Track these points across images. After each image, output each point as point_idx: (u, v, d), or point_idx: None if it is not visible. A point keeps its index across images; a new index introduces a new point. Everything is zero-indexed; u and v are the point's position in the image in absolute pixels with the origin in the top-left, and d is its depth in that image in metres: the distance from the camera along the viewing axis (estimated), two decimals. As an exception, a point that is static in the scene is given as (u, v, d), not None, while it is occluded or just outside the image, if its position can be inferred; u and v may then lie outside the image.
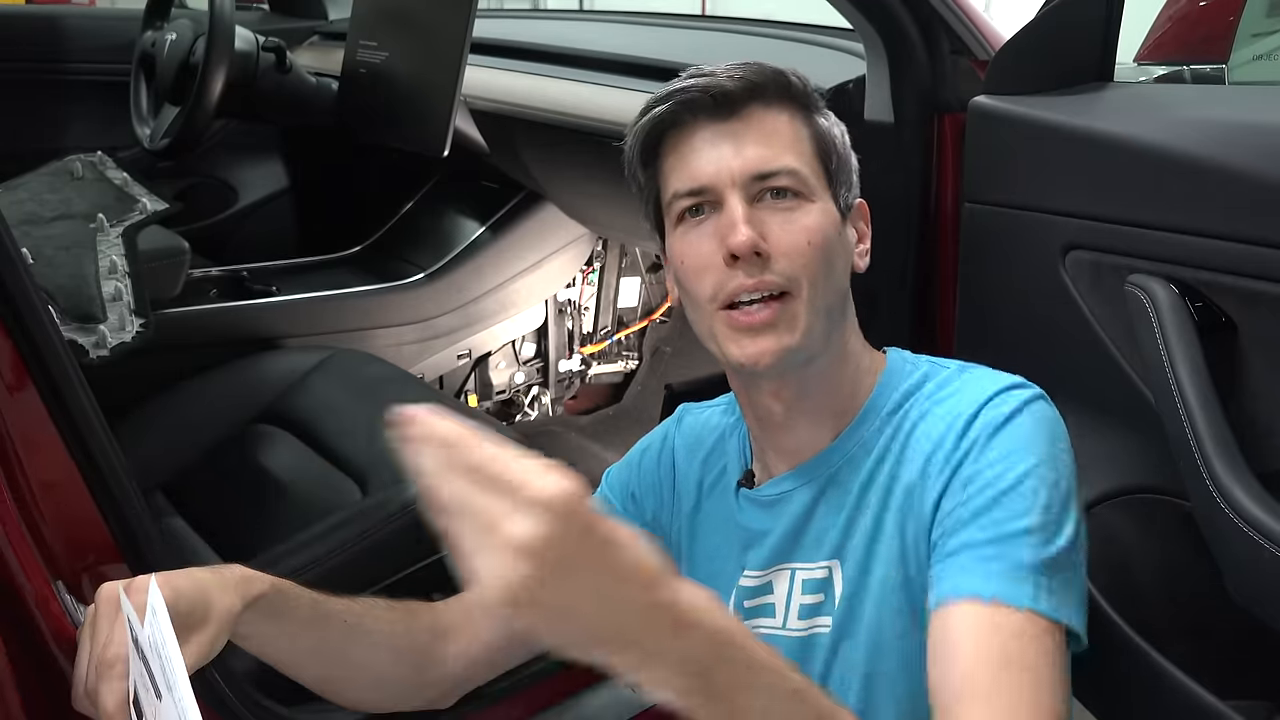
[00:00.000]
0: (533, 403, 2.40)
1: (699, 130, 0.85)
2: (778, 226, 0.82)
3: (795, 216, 0.83)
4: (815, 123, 0.87)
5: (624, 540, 0.57)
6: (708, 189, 0.84)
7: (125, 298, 1.48)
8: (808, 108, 0.87)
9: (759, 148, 0.83)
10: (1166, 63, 2.62)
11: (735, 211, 0.82)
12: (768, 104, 0.85)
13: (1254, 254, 0.92)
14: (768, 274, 0.81)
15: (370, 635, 0.91)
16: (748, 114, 0.84)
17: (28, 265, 0.84)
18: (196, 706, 0.61)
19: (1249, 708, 0.94)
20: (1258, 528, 0.87)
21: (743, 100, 0.84)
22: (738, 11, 3.05)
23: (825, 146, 0.87)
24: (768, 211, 0.83)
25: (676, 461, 1.01)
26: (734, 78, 0.84)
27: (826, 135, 0.88)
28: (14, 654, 0.79)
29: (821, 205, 0.85)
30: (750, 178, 0.83)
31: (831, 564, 0.88)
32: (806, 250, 0.82)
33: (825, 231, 0.84)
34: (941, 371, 0.89)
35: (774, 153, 0.83)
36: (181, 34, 1.91)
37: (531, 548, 0.52)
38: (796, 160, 0.84)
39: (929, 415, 0.85)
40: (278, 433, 1.62)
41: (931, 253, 1.30)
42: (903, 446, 0.86)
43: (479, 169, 2.12)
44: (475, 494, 0.54)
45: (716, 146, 0.84)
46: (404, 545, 1.34)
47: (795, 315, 0.82)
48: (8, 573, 0.80)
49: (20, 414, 0.83)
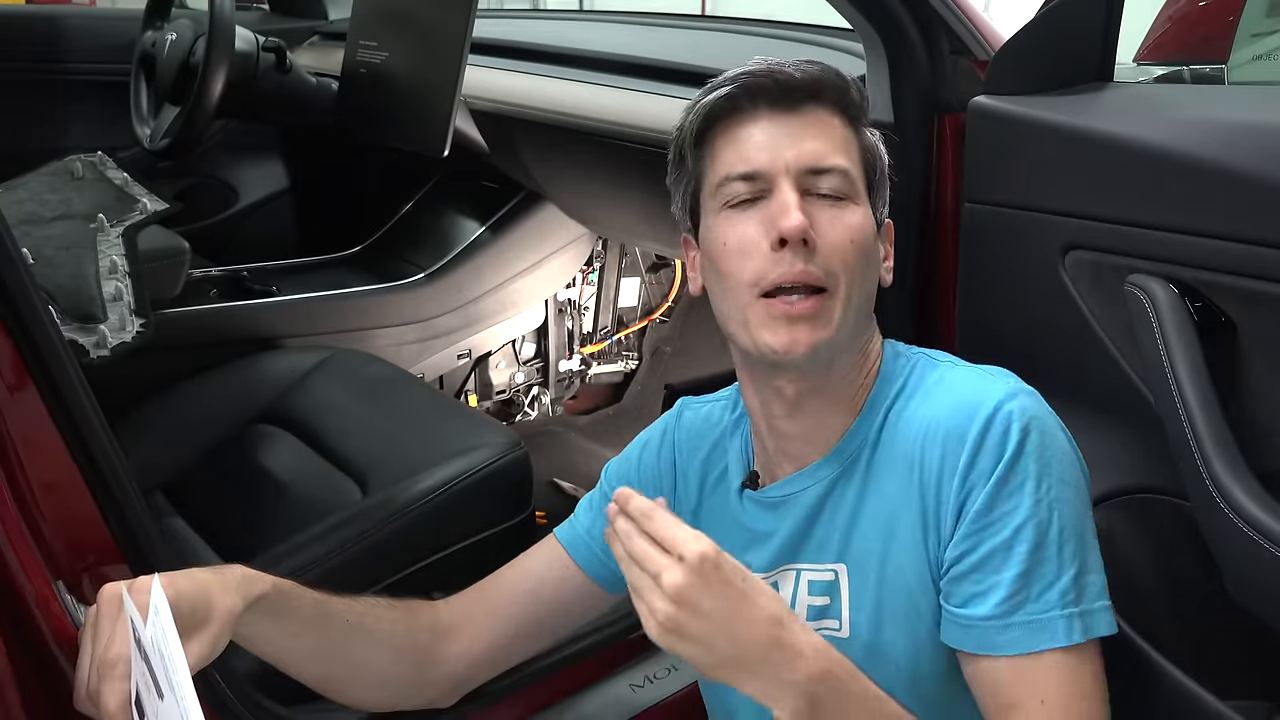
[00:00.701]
0: (533, 403, 2.41)
1: (759, 118, 0.86)
2: (825, 221, 0.84)
3: (842, 214, 0.84)
4: (864, 135, 0.89)
5: (753, 590, 0.73)
6: (761, 174, 0.84)
7: (125, 298, 1.48)
8: (860, 119, 0.89)
9: (816, 143, 0.85)
10: (1166, 63, 2.62)
11: (788, 197, 0.83)
12: (827, 105, 0.87)
13: (1254, 254, 0.92)
14: (811, 265, 0.82)
15: (372, 634, 0.92)
16: (807, 110, 0.86)
17: (28, 265, 0.84)
18: (199, 706, 0.61)
19: (1249, 708, 0.94)
20: (1258, 528, 0.87)
21: (805, 96, 0.86)
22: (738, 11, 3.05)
23: (870, 159, 0.89)
24: (816, 206, 0.84)
25: (677, 459, 1.01)
26: (801, 72, 0.85)
27: (873, 149, 0.90)
28: (14, 654, 0.79)
29: (864, 209, 0.87)
30: (804, 170, 0.84)
31: (837, 567, 0.88)
32: (849, 248, 0.84)
33: (866, 234, 0.85)
34: (931, 368, 0.89)
35: (829, 149, 0.85)
36: (181, 34, 1.91)
37: (679, 594, 0.71)
38: (848, 162, 0.86)
39: (917, 415, 0.86)
40: (278, 433, 1.62)
41: (931, 253, 1.30)
42: (895, 447, 0.86)
43: (479, 169, 2.12)
44: (649, 552, 0.72)
45: (774, 135, 0.85)
46: (404, 545, 1.35)
47: (832, 310, 0.83)
48: (8, 573, 0.80)
49: (20, 414, 0.83)
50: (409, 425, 1.57)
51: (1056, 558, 0.79)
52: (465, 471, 1.39)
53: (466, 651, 0.98)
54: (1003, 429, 0.81)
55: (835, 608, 0.88)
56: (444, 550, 1.38)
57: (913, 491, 0.84)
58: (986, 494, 0.80)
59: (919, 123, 1.29)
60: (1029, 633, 0.78)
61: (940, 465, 0.83)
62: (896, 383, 0.89)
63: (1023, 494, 0.79)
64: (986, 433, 0.81)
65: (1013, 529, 0.79)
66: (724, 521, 0.96)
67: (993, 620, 0.79)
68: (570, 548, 1.01)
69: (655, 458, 1.02)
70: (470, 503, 1.39)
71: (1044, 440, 0.81)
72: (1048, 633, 0.78)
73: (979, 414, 0.82)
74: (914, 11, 1.26)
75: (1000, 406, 0.81)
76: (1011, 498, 0.80)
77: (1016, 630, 0.79)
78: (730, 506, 0.96)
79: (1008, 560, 0.79)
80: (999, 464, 0.80)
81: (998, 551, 0.79)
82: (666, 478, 1.01)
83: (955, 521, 0.82)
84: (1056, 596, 0.79)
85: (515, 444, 1.45)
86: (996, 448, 0.80)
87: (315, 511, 1.39)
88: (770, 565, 0.92)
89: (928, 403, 0.86)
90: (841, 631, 0.88)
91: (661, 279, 2.53)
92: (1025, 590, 0.79)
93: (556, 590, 1.01)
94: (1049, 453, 0.81)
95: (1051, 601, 0.79)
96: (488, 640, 0.99)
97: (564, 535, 1.03)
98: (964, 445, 0.81)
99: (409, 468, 1.41)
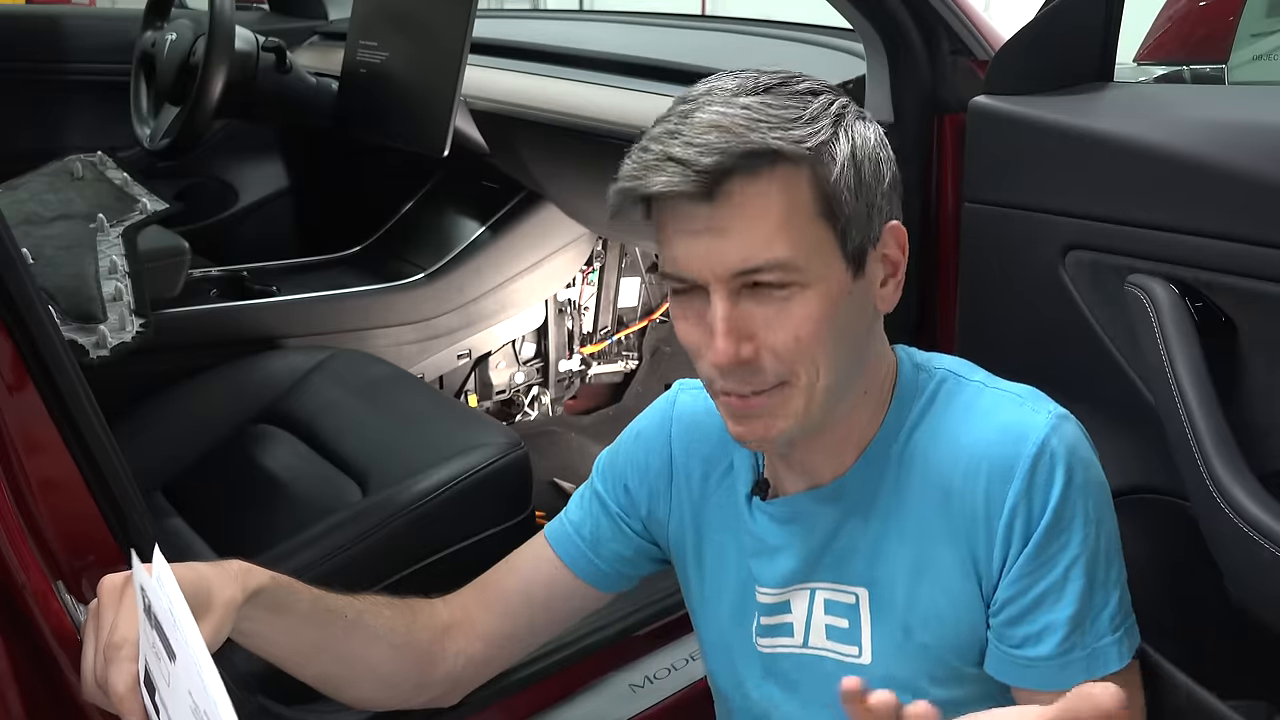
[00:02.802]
0: (533, 403, 2.40)
1: (680, 211, 0.75)
2: (764, 324, 0.76)
3: (785, 308, 0.76)
4: (819, 177, 0.75)
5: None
6: (692, 280, 0.77)
7: (125, 298, 1.48)
8: (806, 161, 0.75)
9: (742, 238, 0.74)
10: (1166, 63, 2.62)
11: (716, 318, 0.75)
12: (753, 175, 0.74)
13: (1254, 254, 0.92)
14: (757, 377, 0.77)
15: (371, 631, 0.91)
16: (728, 195, 0.74)
17: (28, 265, 0.84)
18: (211, 661, 0.61)
19: (1249, 708, 0.94)
20: (1258, 528, 0.87)
21: (721, 179, 0.73)
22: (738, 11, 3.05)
23: (831, 203, 0.76)
24: (756, 304, 0.76)
25: (674, 450, 0.97)
26: (705, 165, 0.72)
27: (835, 187, 0.76)
28: (14, 654, 0.79)
29: (818, 287, 0.76)
30: (733, 275, 0.75)
31: (859, 591, 0.87)
32: (796, 345, 0.76)
33: (821, 318, 0.76)
34: (962, 388, 0.86)
35: (759, 243, 0.74)
36: (181, 34, 1.91)
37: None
38: (785, 245, 0.74)
39: (952, 439, 0.83)
40: (278, 433, 1.62)
41: (931, 253, 1.30)
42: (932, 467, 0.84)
43: (479, 169, 2.12)
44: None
45: (698, 237, 0.75)
46: (404, 545, 1.35)
47: (789, 400, 0.79)
48: (8, 573, 0.80)
49: (20, 414, 0.83)
50: (409, 425, 1.57)
51: (1104, 586, 0.81)
52: (465, 471, 1.39)
53: (464, 650, 0.97)
54: (1049, 467, 0.79)
55: (855, 632, 0.87)
56: (444, 550, 1.37)
57: (952, 523, 0.82)
58: (1039, 535, 0.80)
59: (919, 123, 1.29)
60: (1087, 665, 0.80)
61: (986, 502, 0.81)
62: (919, 399, 0.86)
63: (1073, 531, 0.80)
64: (1034, 470, 0.79)
65: (1064, 567, 0.80)
66: (730, 524, 0.93)
67: (1052, 660, 0.81)
68: (558, 546, 1.00)
69: (650, 449, 0.99)
70: (470, 503, 1.39)
71: (1088, 474, 0.81)
72: (1102, 660, 0.81)
73: (1025, 449, 0.80)
74: (914, 11, 1.26)
75: (1047, 441, 0.80)
76: (1062, 535, 0.79)
77: (1075, 666, 0.80)
78: (737, 509, 0.93)
79: (1061, 599, 0.80)
80: (1049, 505, 0.79)
81: (1052, 591, 0.80)
82: (663, 471, 0.98)
83: (1003, 562, 0.81)
84: (1107, 622, 0.81)
85: (515, 444, 1.45)
86: (1045, 486, 0.79)
87: (315, 512, 1.39)
88: (784, 583, 0.90)
89: (964, 428, 0.83)
90: (862, 658, 0.86)
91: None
92: (1081, 627, 0.80)
93: (548, 589, 0.99)
94: (1092, 485, 0.81)
95: (1103, 629, 0.81)
96: (485, 639, 0.98)
97: (552, 533, 1.01)
98: (1010, 483, 0.80)
99: (409, 468, 1.41)
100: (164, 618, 0.66)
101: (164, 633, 0.66)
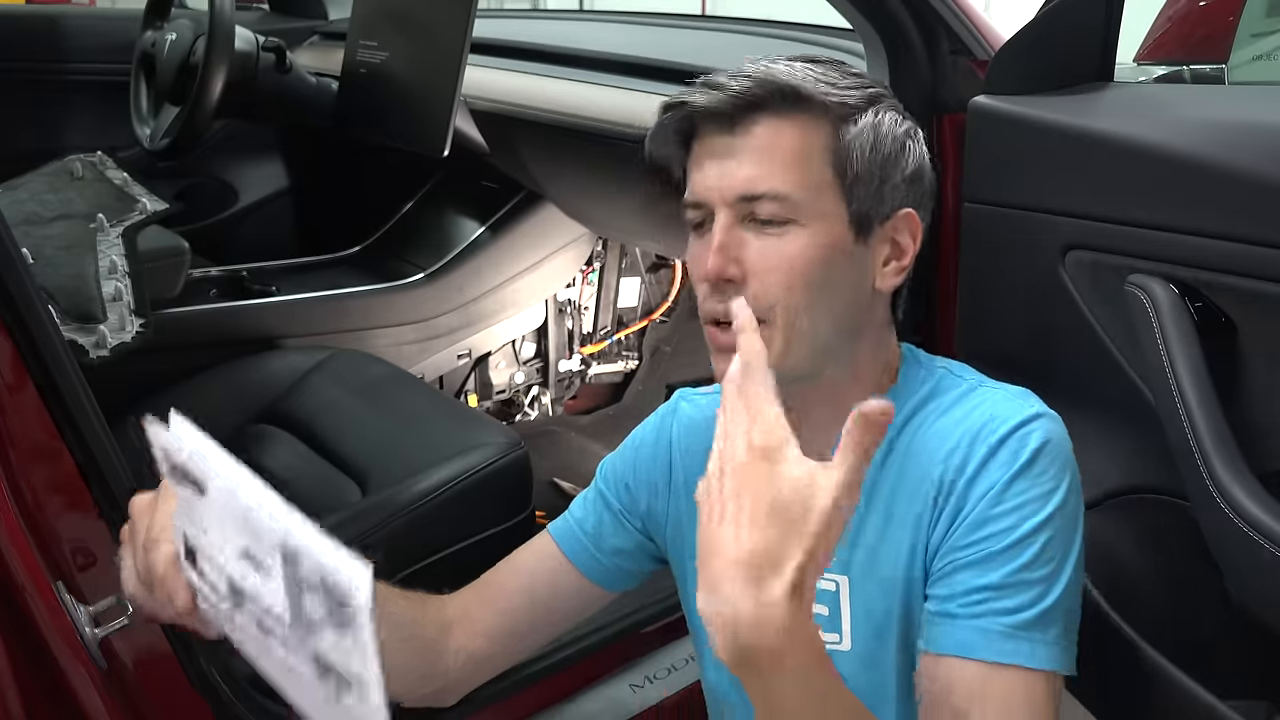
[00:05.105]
0: (533, 403, 2.41)
1: (707, 140, 0.83)
2: (756, 252, 0.81)
3: (778, 243, 0.80)
4: (838, 131, 0.82)
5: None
6: (704, 203, 0.83)
7: (125, 298, 1.48)
8: (829, 114, 0.81)
9: (751, 167, 0.80)
10: (1166, 63, 2.62)
11: (715, 234, 0.81)
12: (776, 114, 0.81)
13: (1254, 254, 0.92)
14: (738, 300, 0.78)
15: (388, 615, 0.91)
16: (750, 126, 0.81)
17: (28, 265, 0.84)
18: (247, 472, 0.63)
19: (1249, 707, 0.94)
20: (1258, 528, 0.87)
21: (745, 111, 0.81)
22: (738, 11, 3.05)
23: (842, 157, 0.81)
24: (753, 233, 0.81)
25: (674, 456, 0.99)
26: (736, 89, 0.80)
27: (849, 145, 0.82)
28: (14, 654, 0.79)
29: (816, 228, 0.81)
30: (737, 198, 0.81)
31: (839, 579, 0.87)
32: (783, 279, 0.80)
33: (811, 257, 0.80)
34: (956, 385, 0.87)
35: (764, 173, 0.80)
36: (181, 34, 1.91)
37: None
38: (788, 182, 0.80)
39: (938, 431, 0.84)
40: (278, 433, 1.62)
41: (931, 253, 1.30)
42: (910, 460, 0.84)
43: (479, 169, 2.12)
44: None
45: (717, 161, 0.82)
46: (404, 545, 1.35)
47: (766, 342, 0.78)
48: (8, 573, 0.80)
49: (20, 414, 0.83)
50: (409, 425, 1.57)
51: (1041, 582, 0.77)
52: (465, 471, 1.39)
53: (465, 647, 0.98)
54: (1014, 448, 0.79)
55: (835, 620, 0.88)
56: (444, 550, 1.38)
57: (919, 508, 0.83)
58: (984, 505, 0.79)
59: (919, 123, 1.29)
60: (995, 640, 0.76)
61: (945, 476, 0.81)
62: (915, 395, 0.87)
63: (1021, 513, 0.78)
64: (998, 448, 0.80)
65: (1001, 546, 0.78)
66: None
67: (957, 619, 0.78)
68: (561, 541, 1.01)
69: (651, 456, 1.01)
70: (470, 503, 1.39)
71: (1055, 470, 0.80)
72: (1011, 644, 0.76)
73: (998, 429, 0.80)
74: (914, 11, 1.26)
75: (1019, 427, 0.80)
76: (1008, 516, 0.78)
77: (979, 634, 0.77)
78: None
79: (988, 569, 0.78)
80: (1000, 480, 0.79)
81: (981, 561, 0.78)
82: (662, 476, 1.00)
83: (946, 529, 0.81)
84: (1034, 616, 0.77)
85: (515, 444, 1.45)
86: (1004, 464, 0.79)
87: (315, 512, 1.37)
88: None
89: (948, 422, 0.84)
90: (842, 644, 0.87)
91: (661, 279, 2.53)
92: (1000, 600, 0.77)
93: (551, 587, 1.00)
94: (1058, 483, 0.79)
95: (1026, 620, 0.77)
96: (485, 636, 0.98)
97: (557, 531, 1.02)
98: (970, 459, 0.80)
99: (409, 468, 1.41)
100: (188, 461, 0.67)
101: (191, 476, 0.67)
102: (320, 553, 0.57)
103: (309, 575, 0.58)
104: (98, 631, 0.87)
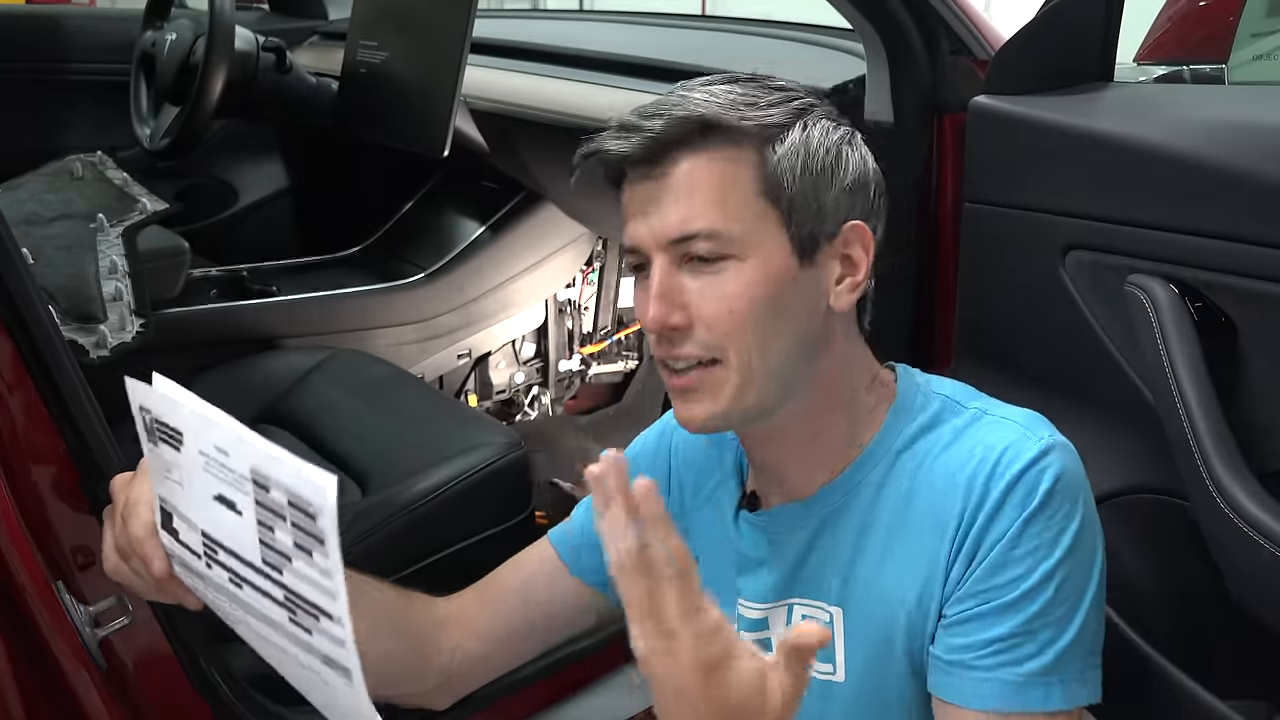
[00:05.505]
0: (533, 403, 2.40)
1: (632, 186, 0.81)
2: (697, 294, 0.78)
3: (718, 281, 0.77)
4: (763, 155, 0.78)
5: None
6: (639, 251, 0.81)
7: (125, 298, 1.48)
8: (752, 139, 0.78)
9: (679, 209, 0.77)
10: (1166, 63, 2.62)
11: (653, 282, 0.78)
12: (695, 149, 0.77)
13: (1254, 254, 0.92)
14: (688, 346, 0.78)
15: (372, 603, 0.90)
16: (670, 167, 0.78)
17: (28, 265, 0.85)
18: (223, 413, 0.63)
19: (1249, 708, 0.94)
20: (1258, 528, 0.87)
21: (664, 151, 0.78)
22: (738, 11, 3.05)
23: (772, 183, 0.78)
24: (692, 275, 0.78)
25: (673, 465, 0.99)
26: (649, 130, 0.77)
27: (778, 167, 0.78)
28: (14, 654, 0.79)
29: (755, 260, 0.77)
30: (669, 242, 0.78)
31: (834, 610, 0.86)
32: (729, 318, 0.77)
33: (754, 293, 0.77)
34: (959, 413, 0.84)
35: (693, 213, 0.77)
36: (181, 34, 1.91)
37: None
38: (718, 218, 0.77)
39: (947, 465, 0.81)
40: (278, 433, 1.62)
41: (931, 253, 1.30)
42: (917, 492, 0.82)
43: (479, 169, 2.12)
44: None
45: (644, 206, 0.79)
46: (404, 545, 1.35)
47: (721, 383, 0.79)
48: (8, 573, 0.80)
49: (20, 414, 0.84)
50: (409, 425, 1.57)
51: (1058, 623, 0.76)
52: (465, 471, 1.39)
53: (460, 646, 0.97)
54: (1026, 491, 0.77)
55: (829, 651, 0.86)
56: (444, 550, 1.38)
57: (933, 544, 0.80)
58: (996, 555, 0.77)
59: (919, 123, 1.29)
60: (1010, 689, 0.76)
61: (958, 521, 0.79)
62: (913, 422, 0.84)
63: (1035, 558, 0.76)
64: (1009, 492, 0.77)
65: (1017, 595, 0.76)
66: (716, 535, 0.93)
67: (972, 671, 0.77)
68: (559, 545, 1.00)
69: (651, 463, 1.00)
70: (470, 503, 1.39)
71: (1070, 505, 0.77)
72: (1025, 691, 0.76)
73: (1012, 465, 0.77)
74: (914, 11, 1.26)
75: (1030, 467, 0.77)
76: (1020, 563, 0.76)
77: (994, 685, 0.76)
78: (723, 523, 0.93)
79: (1003, 619, 0.77)
80: (1012, 527, 0.76)
81: (995, 612, 0.77)
82: (661, 475, 0.98)
83: (960, 578, 0.78)
84: (1051, 659, 0.76)
85: (515, 444, 1.45)
86: (1016, 509, 0.76)
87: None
88: (766, 598, 0.89)
89: (952, 452, 0.81)
90: (836, 675, 0.86)
91: (661, 279, 2.52)
92: (1014, 649, 0.76)
93: (548, 591, 0.99)
94: (1072, 517, 0.77)
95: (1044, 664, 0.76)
96: (481, 636, 0.98)
97: (555, 535, 1.02)
98: (984, 504, 0.77)
99: (409, 468, 1.41)
100: (163, 412, 0.67)
101: (169, 429, 0.67)
102: (287, 470, 0.57)
103: (278, 499, 0.58)
104: (98, 631, 0.87)
